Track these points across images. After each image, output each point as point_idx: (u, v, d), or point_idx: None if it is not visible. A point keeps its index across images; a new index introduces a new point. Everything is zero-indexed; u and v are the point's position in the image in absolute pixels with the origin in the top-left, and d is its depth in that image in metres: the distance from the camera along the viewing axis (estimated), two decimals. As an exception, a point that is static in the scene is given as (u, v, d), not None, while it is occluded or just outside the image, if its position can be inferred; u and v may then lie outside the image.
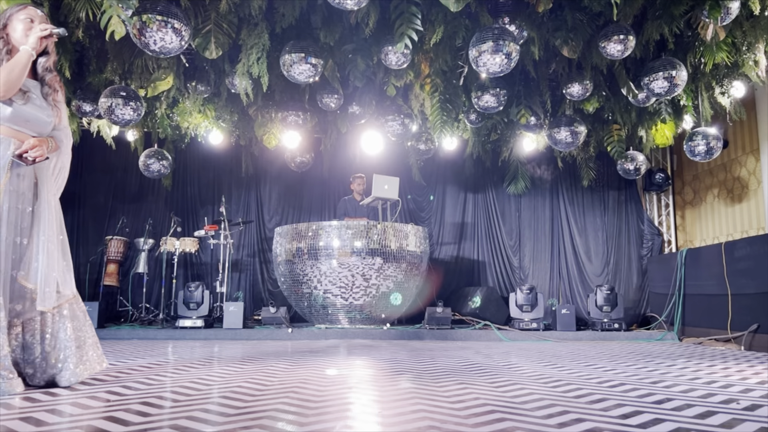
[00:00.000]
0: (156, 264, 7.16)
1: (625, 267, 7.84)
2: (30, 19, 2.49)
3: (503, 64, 4.30)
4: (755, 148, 6.65)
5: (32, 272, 2.39)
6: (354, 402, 2.17)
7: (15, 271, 2.38)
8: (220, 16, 4.40)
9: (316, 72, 4.67)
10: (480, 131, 6.66)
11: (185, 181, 7.94)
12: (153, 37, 3.91)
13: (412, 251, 6.25)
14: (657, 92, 4.87)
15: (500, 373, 3.04)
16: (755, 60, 5.01)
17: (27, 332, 2.41)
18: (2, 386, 2.21)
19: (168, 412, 1.94)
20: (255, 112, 6.24)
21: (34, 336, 2.41)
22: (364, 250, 5.94)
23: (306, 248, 6.06)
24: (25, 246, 2.40)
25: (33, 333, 2.41)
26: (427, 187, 8.09)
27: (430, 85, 5.41)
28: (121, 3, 3.61)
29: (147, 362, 3.48)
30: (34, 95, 2.47)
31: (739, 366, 3.54)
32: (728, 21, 4.24)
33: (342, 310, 6.03)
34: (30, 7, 2.52)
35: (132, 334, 5.74)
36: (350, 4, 3.80)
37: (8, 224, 2.34)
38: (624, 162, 6.74)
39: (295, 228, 6.28)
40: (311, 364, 3.47)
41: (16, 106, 2.38)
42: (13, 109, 2.37)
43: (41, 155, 2.41)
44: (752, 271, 4.75)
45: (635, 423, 1.82)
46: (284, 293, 6.64)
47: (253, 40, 4.61)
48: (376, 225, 6.02)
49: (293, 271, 6.18)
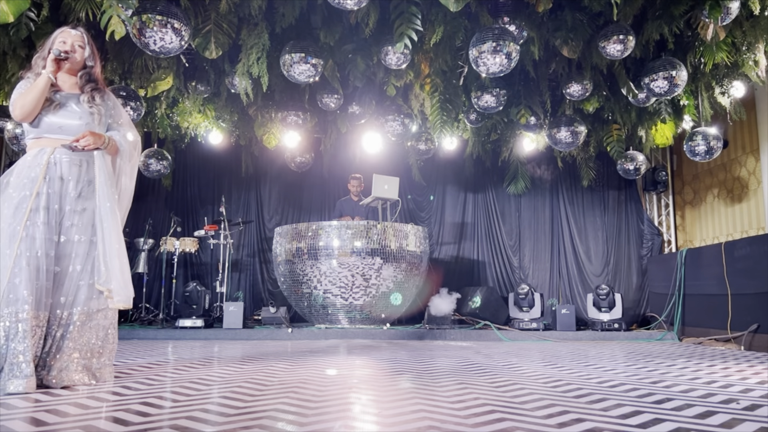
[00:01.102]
0: (156, 264, 7.16)
1: (625, 267, 7.84)
2: (63, 41, 2.66)
3: (503, 64, 4.30)
4: (755, 148, 6.65)
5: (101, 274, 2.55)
6: (354, 402, 2.17)
7: (55, 267, 2.48)
8: (220, 16, 4.40)
9: (316, 72, 4.67)
10: (480, 131, 6.66)
11: (185, 181, 7.94)
12: (153, 37, 3.91)
13: (412, 251, 6.25)
14: (657, 92, 4.87)
15: (500, 373, 3.04)
16: (755, 60, 5.01)
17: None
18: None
19: (168, 412, 1.94)
20: (255, 112, 6.24)
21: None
22: (364, 250, 5.94)
23: (306, 248, 6.06)
24: (62, 243, 2.51)
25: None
26: (427, 187, 8.09)
27: (430, 85, 5.41)
28: (121, 3, 3.61)
29: (147, 362, 3.48)
30: (71, 104, 2.63)
31: (739, 366, 3.54)
32: (728, 21, 4.24)
33: (342, 310, 6.03)
34: (66, 30, 2.72)
35: (132, 334, 5.74)
36: (350, 4, 3.80)
37: (45, 224, 2.46)
38: (624, 162, 6.74)
39: (295, 228, 6.28)
40: (311, 364, 3.47)
41: (44, 116, 2.57)
42: (43, 120, 2.57)
43: (89, 144, 2.55)
44: (752, 271, 4.75)
45: (635, 423, 1.82)
46: (284, 293, 6.64)
47: (253, 40, 4.61)
48: (375, 225, 6.02)
49: (293, 271, 6.18)
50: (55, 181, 2.52)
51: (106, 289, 2.53)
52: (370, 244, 5.95)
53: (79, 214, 2.56)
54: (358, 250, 5.94)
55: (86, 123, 2.63)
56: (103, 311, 2.59)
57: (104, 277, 2.53)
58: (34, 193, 2.46)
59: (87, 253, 2.56)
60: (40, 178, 2.49)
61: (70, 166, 2.56)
